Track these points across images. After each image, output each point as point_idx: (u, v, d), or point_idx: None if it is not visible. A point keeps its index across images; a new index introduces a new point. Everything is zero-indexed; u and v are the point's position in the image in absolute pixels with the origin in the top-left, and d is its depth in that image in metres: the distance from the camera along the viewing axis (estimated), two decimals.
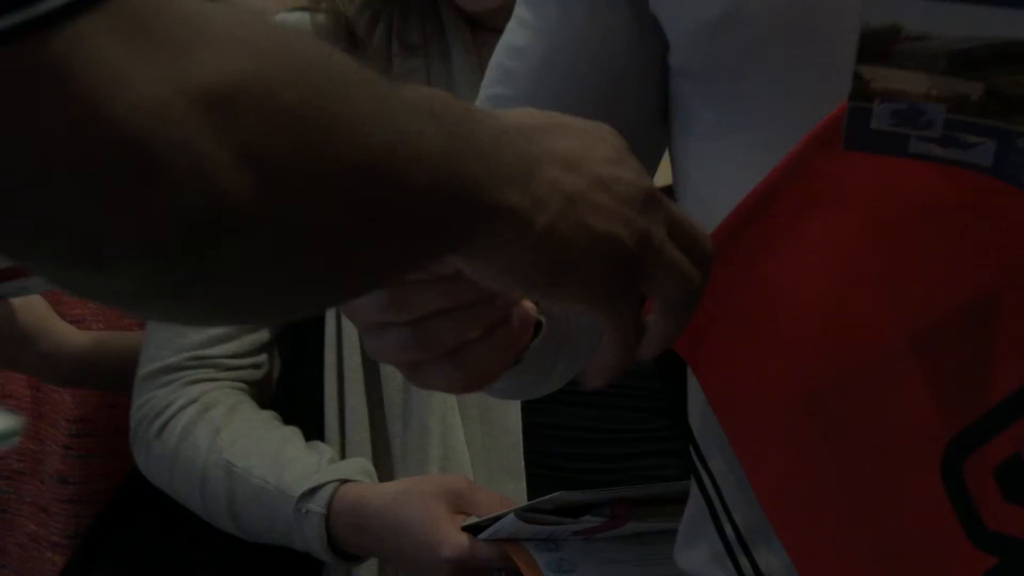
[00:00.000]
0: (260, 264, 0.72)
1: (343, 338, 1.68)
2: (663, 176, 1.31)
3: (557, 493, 1.52)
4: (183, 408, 1.71)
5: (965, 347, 1.09)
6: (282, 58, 0.71)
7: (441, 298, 0.96)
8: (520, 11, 1.29)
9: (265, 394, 1.77)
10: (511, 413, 1.68)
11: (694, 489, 1.26)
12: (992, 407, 1.08)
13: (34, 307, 1.82)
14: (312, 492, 1.64)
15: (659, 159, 1.32)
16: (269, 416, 1.73)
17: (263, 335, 1.75)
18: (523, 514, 1.53)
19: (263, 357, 1.76)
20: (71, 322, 1.88)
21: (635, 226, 0.92)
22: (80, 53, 0.63)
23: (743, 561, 1.20)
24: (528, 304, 1.02)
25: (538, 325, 1.15)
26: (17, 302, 1.80)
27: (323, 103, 0.72)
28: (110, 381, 1.84)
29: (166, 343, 1.73)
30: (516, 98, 1.23)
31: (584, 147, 0.92)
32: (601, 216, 0.90)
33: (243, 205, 0.68)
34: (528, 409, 1.68)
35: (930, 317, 1.09)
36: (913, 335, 1.10)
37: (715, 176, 1.22)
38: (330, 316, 1.69)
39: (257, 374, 1.76)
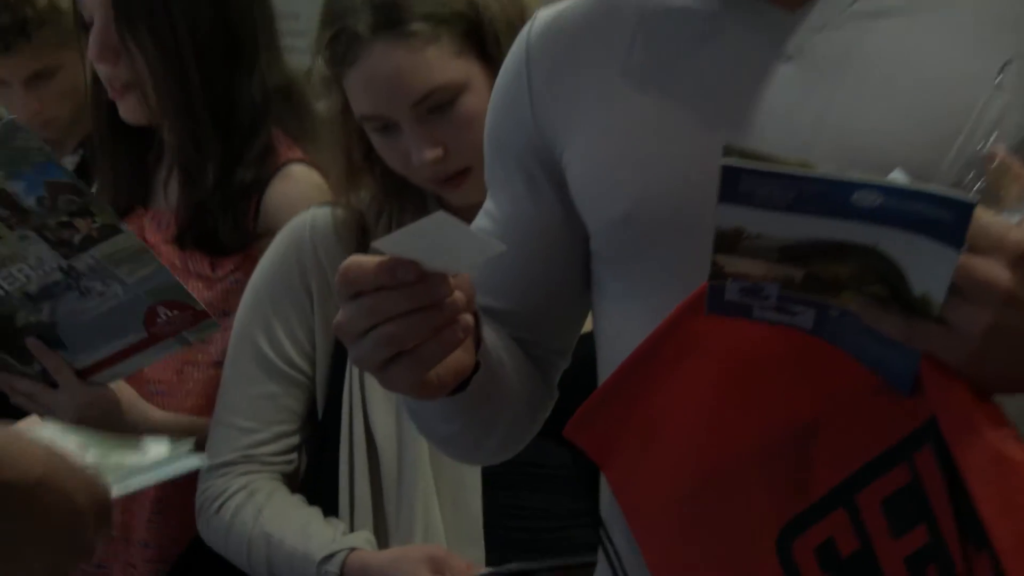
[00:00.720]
0: None
1: (353, 444, 1.69)
2: (587, 326, 1.33)
3: (512, 564, 1.55)
4: (235, 493, 1.72)
5: (794, 458, 1.09)
6: None
7: (404, 301, 1.03)
8: (486, 203, 1.31)
9: (295, 482, 1.77)
10: (474, 498, 1.67)
11: (602, 559, 1.27)
12: (812, 503, 1.08)
13: (123, 388, 1.77)
14: (329, 558, 1.65)
15: (584, 315, 1.33)
16: (298, 499, 1.73)
17: (294, 440, 1.75)
18: None
19: (294, 455, 1.76)
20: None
21: None
22: None
23: None
24: (467, 316, 1.06)
25: (478, 365, 1.17)
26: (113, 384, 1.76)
27: None
28: None
29: (223, 444, 1.73)
30: None
31: None
32: None
33: None
34: (488, 493, 1.68)
35: (769, 435, 1.10)
36: (757, 448, 1.10)
37: (620, 328, 1.23)
38: (345, 428, 1.69)
39: (289, 468, 1.76)
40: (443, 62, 1.63)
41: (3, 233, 1.63)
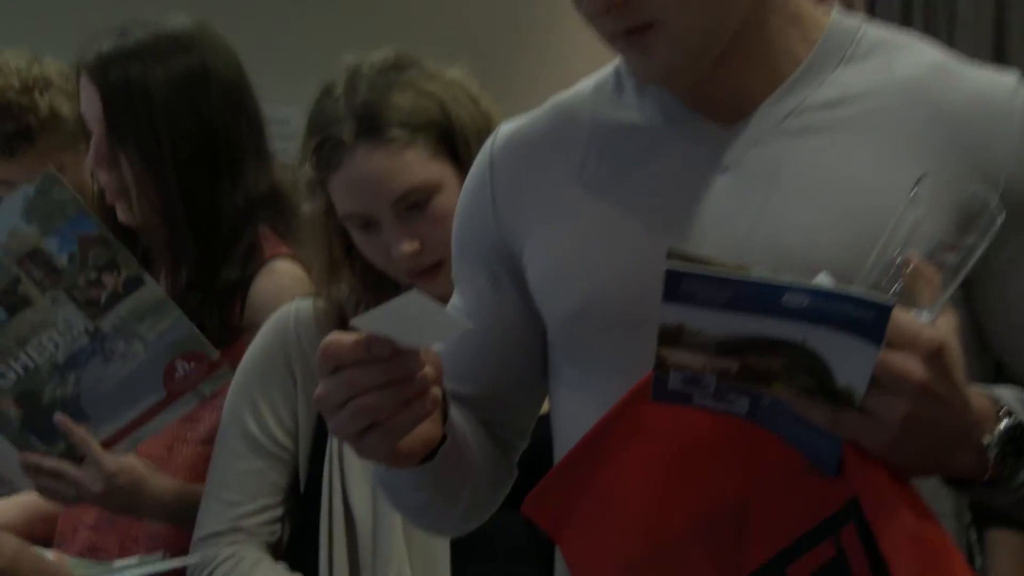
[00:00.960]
0: None
1: (332, 515, 1.68)
2: (544, 408, 1.33)
3: None
4: (223, 561, 1.70)
5: (731, 533, 1.10)
6: None
7: (378, 375, 1.04)
8: (453, 298, 1.32)
9: (279, 551, 1.75)
10: (443, 567, 1.66)
11: None
12: (748, 575, 1.09)
13: (139, 458, 1.75)
14: None
15: (542, 399, 1.33)
16: (281, 567, 1.72)
17: (278, 511, 1.74)
18: None
19: (278, 526, 1.75)
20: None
21: None
22: None
23: None
24: (436, 389, 1.08)
25: (445, 438, 1.17)
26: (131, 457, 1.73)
27: None
28: (185, 521, 1.78)
29: (213, 516, 1.72)
30: (447, 352, 1.21)
31: None
32: None
33: None
34: (456, 562, 1.66)
35: (708, 512, 1.10)
36: (698, 524, 1.11)
37: (574, 412, 1.24)
38: (325, 500, 1.69)
39: (274, 537, 1.75)
40: (419, 164, 1.65)
41: (35, 297, 1.62)
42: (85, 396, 1.68)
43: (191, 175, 1.82)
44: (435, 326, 1.06)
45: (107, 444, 1.72)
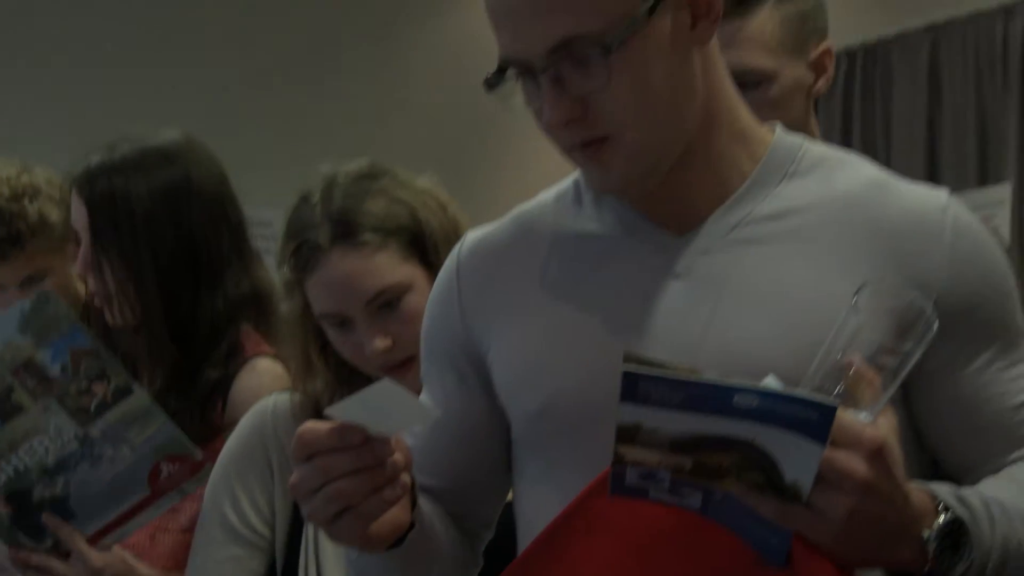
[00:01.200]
0: None
1: None
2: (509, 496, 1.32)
3: None
4: None
5: None
6: None
7: (350, 461, 1.04)
8: (422, 396, 1.31)
9: None
10: None
11: None
12: None
13: (125, 552, 1.71)
14: None
15: (506, 491, 1.32)
16: None
17: None
18: None
19: None
20: None
21: None
22: None
23: None
24: (405, 475, 1.07)
25: (413, 524, 1.16)
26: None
27: None
28: None
29: None
30: (416, 447, 1.22)
31: None
32: None
33: None
34: None
35: None
36: None
37: (537, 505, 1.22)
38: None
39: None
40: (391, 266, 1.65)
41: (27, 405, 1.61)
42: (73, 497, 1.66)
43: (171, 282, 1.82)
44: (405, 413, 1.06)
45: (93, 540, 1.69)
